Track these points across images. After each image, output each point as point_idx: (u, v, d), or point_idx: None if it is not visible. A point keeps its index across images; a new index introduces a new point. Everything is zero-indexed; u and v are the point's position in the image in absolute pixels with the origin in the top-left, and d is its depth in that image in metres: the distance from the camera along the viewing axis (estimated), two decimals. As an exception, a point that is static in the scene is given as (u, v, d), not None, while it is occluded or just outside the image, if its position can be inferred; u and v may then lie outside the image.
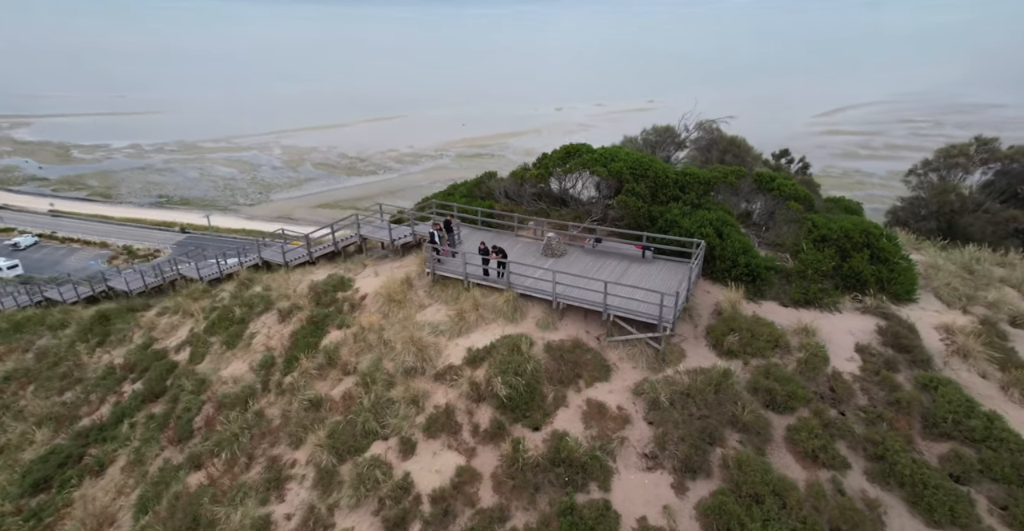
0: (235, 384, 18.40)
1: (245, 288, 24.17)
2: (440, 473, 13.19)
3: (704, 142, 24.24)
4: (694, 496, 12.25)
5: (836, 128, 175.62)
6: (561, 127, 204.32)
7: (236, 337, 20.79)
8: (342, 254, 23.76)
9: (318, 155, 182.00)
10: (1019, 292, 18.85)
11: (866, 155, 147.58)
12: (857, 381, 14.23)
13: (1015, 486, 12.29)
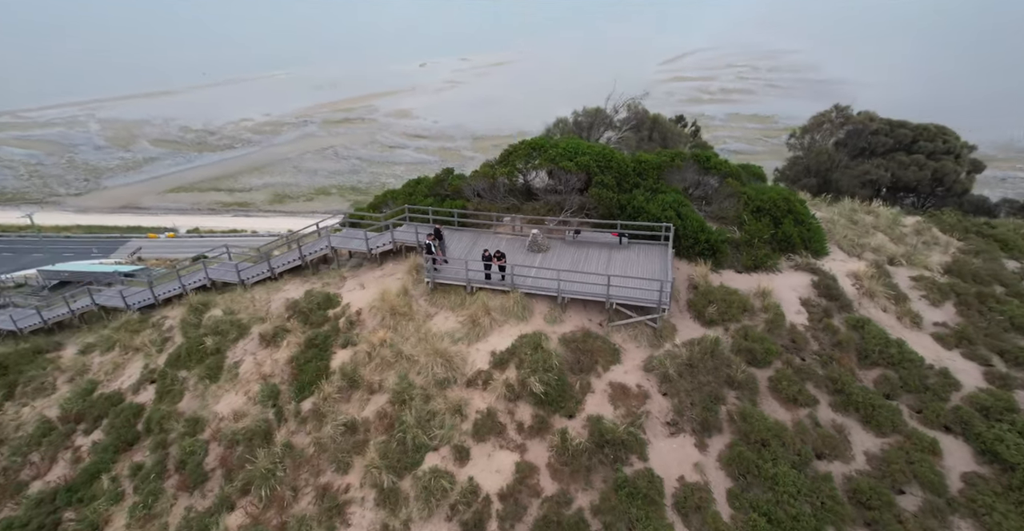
0: (240, 419, 17.87)
1: (198, 313, 22.62)
2: (500, 472, 14.60)
3: (633, 122, 26.37)
4: (714, 450, 14.98)
5: (679, 74, 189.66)
6: (429, 85, 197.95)
7: (217, 369, 19.81)
8: (309, 267, 22.93)
9: (153, 130, 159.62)
10: (887, 235, 23.78)
11: (707, 100, 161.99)
12: (808, 331, 17.72)
13: (923, 393, 16.54)
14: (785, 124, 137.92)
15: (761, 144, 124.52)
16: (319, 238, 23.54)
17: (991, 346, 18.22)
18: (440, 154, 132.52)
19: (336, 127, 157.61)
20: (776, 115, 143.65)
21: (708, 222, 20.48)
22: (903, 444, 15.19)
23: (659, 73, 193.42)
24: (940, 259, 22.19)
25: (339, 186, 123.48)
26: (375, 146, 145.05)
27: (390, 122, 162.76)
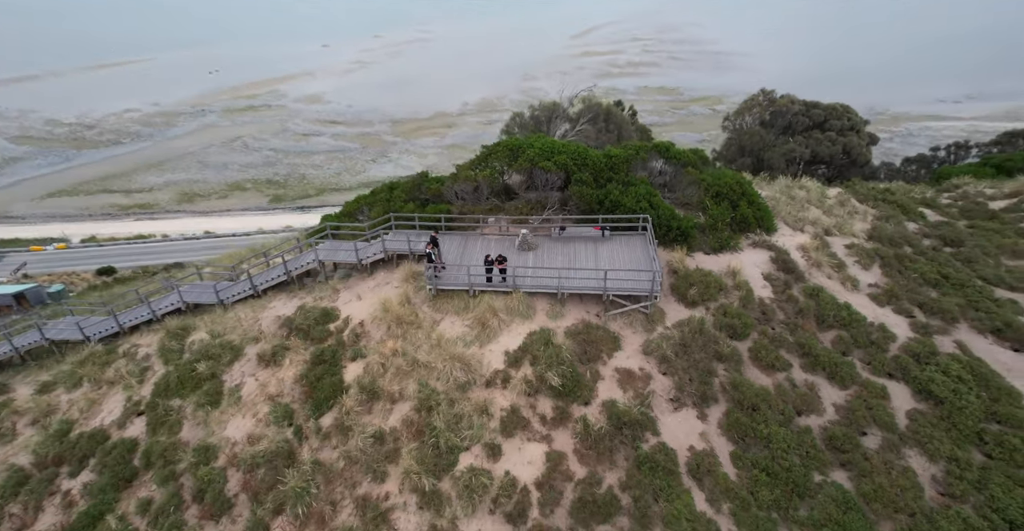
0: (256, 442, 17.78)
1: (179, 338, 21.77)
2: (532, 463, 15.83)
3: (590, 115, 27.60)
4: (714, 419, 17.02)
5: (589, 49, 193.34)
6: (336, 66, 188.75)
7: (216, 394, 19.39)
8: (294, 281, 22.50)
9: (9, 124, 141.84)
10: (819, 208, 26.89)
11: (617, 73, 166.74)
12: (774, 302, 20.13)
13: (869, 347, 19.45)
14: (690, 95, 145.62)
15: (670, 115, 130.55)
16: (304, 251, 23.12)
17: (912, 300, 21.57)
18: (360, 140, 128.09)
19: (240, 115, 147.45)
20: (681, 87, 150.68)
21: (674, 209, 22.31)
22: (860, 393, 17.99)
23: (569, 48, 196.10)
24: (862, 227, 25.53)
25: (254, 180, 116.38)
26: (288, 135, 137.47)
27: (300, 108, 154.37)
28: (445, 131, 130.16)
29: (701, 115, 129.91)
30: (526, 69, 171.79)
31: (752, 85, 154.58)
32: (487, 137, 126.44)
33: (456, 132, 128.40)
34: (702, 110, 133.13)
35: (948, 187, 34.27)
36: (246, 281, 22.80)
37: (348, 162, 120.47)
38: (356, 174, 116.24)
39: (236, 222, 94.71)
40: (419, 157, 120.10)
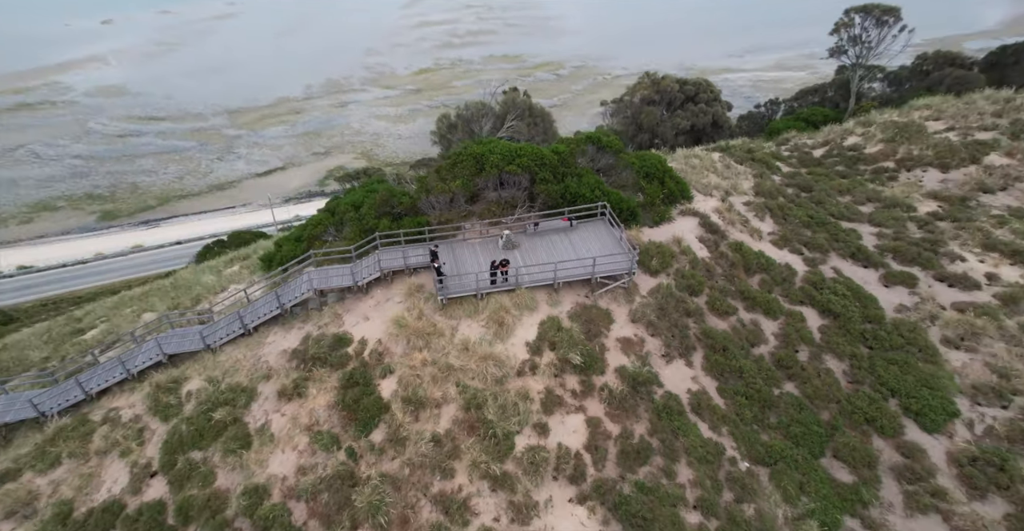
0: (309, 472, 18.33)
1: (172, 392, 20.76)
2: (576, 431, 18.73)
3: (517, 111, 29.53)
4: (697, 364, 21.20)
5: (424, 19, 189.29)
6: (135, 49, 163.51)
7: (244, 438, 19.31)
8: (286, 313, 22.14)
9: None
10: (714, 173, 32.22)
11: (459, 43, 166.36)
12: (711, 260, 24.73)
13: (782, 284, 24.94)
14: (533, 62, 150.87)
15: (519, 83, 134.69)
16: (294, 281, 22.70)
17: (798, 241, 27.64)
18: (196, 137, 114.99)
19: (11, 117, 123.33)
20: (523, 54, 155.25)
21: (619, 192, 25.75)
22: (788, 321, 23.37)
23: (404, 19, 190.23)
24: (748, 184, 31.35)
25: (67, 196, 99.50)
26: (95, 138, 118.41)
27: (100, 104, 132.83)
28: (294, 118, 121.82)
29: (547, 81, 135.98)
30: (365, 44, 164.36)
31: (583, 48, 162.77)
32: (343, 122, 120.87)
33: (308, 118, 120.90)
34: (547, 76, 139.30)
35: (781, 140, 42.31)
36: (233, 321, 22.03)
37: (187, 163, 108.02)
38: (203, 176, 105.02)
39: (62, 249, 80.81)
40: (272, 149, 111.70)
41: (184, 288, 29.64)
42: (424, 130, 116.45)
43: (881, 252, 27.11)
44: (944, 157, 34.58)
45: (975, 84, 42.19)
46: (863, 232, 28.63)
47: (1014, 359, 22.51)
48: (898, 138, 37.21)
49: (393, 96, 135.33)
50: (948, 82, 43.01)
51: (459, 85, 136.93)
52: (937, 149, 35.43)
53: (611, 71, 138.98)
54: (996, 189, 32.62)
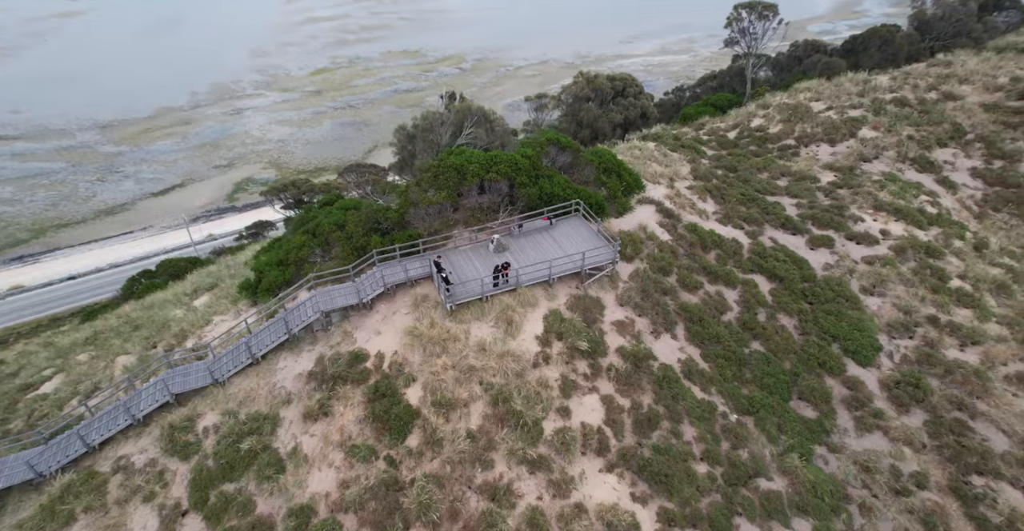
0: (352, 484, 19.04)
1: (187, 431, 20.43)
2: (595, 410, 20.92)
3: (473, 118, 30.61)
4: (681, 335, 24.11)
5: (312, 15, 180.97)
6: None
7: (277, 463, 19.59)
8: (293, 338, 22.15)
9: None
10: (655, 162, 35.39)
11: (354, 40, 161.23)
12: (673, 242, 27.76)
13: (734, 256, 28.54)
14: (434, 56, 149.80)
15: (424, 79, 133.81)
16: (296, 305, 22.69)
17: (738, 217, 31.48)
18: (64, 157, 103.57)
19: None
20: (422, 49, 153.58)
21: (585, 188, 28.05)
22: (745, 289, 26.95)
23: (288, 15, 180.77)
24: (685, 170, 34.91)
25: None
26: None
27: None
28: (184, 129, 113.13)
29: (451, 75, 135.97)
30: (249, 44, 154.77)
31: (480, 41, 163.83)
32: (242, 130, 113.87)
33: (200, 129, 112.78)
34: (450, 70, 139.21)
35: (698, 125, 46.85)
36: (238, 352, 21.82)
37: (61, 188, 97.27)
38: (84, 201, 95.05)
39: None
40: (165, 165, 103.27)
41: (153, 326, 28.28)
42: (332, 133, 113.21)
43: (802, 220, 31.64)
44: (830, 133, 40.30)
45: (839, 68, 48.95)
46: (785, 204, 33.10)
47: (911, 298, 27.63)
48: (792, 118, 42.69)
49: (293, 100, 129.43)
50: (819, 67, 49.53)
51: (361, 84, 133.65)
52: (824, 126, 41.15)
53: (512, 62, 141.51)
54: (871, 158, 38.66)
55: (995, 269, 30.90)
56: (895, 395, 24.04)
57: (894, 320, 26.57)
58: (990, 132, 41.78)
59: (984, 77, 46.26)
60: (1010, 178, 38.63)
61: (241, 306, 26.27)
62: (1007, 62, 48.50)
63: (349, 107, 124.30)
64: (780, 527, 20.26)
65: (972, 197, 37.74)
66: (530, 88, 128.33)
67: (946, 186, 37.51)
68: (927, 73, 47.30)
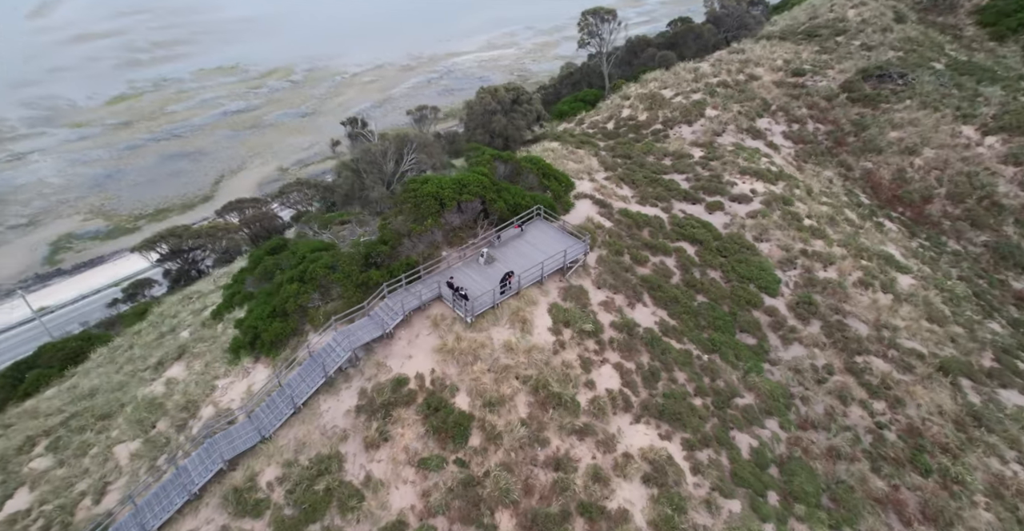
0: (433, 492, 21.02)
1: (252, 490, 20.75)
2: (611, 377, 25.13)
3: (413, 144, 32.13)
4: (650, 303, 29.23)
5: (79, 32, 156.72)
6: None
7: (355, 494, 20.66)
8: (329, 380, 22.79)
9: None
10: (569, 160, 40.17)
11: (149, 60, 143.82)
12: (615, 227, 32.79)
13: (664, 229, 34.54)
14: (256, 70, 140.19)
15: (255, 97, 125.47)
16: (326, 351, 23.20)
17: (650, 198, 37.60)
18: None
19: None
20: (239, 63, 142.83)
21: (535, 194, 31.80)
22: (678, 255, 32.94)
23: (41, 34, 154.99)
24: (594, 163, 40.26)
25: None
26: None
27: None
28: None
29: (283, 90, 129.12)
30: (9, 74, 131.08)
31: (302, 49, 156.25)
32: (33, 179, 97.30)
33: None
34: (280, 84, 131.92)
35: (578, 121, 52.94)
36: (279, 404, 22.11)
37: None
38: None
39: None
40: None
41: (132, 409, 26.37)
42: (163, 169, 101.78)
43: (695, 191, 38.81)
44: (686, 115, 48.70)
45: (673, 60, 58.36)
46: (677, 180, 40.09)
47: (787, 239, 36.03)
48: (653, 106, 50.50)
49: (94, 135, 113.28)
50: (657, 59, 58.49)
51: (180, 110, 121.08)
52: (679, 110, 49.49)
53: (346, 69, 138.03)
54: (721, 133, 47.75)
55: (823, 207, 40.99)
56: (798, 313, 31.84)
57: (781, 258, 34.61)
58: (784, 102, 53.53)
59: (768, 60, 58.58)
60: (806, 137, 50.34)
61: (246, 364, 25.88)
62: (776, 48, 61.72)
63: (175, 137, 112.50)
64: (759, 428, 26.52)
65: (790, 154, 48.61)
66: (373, 95, 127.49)
67: (773, 148, 47.80)
68: (731, 59, 58.42)
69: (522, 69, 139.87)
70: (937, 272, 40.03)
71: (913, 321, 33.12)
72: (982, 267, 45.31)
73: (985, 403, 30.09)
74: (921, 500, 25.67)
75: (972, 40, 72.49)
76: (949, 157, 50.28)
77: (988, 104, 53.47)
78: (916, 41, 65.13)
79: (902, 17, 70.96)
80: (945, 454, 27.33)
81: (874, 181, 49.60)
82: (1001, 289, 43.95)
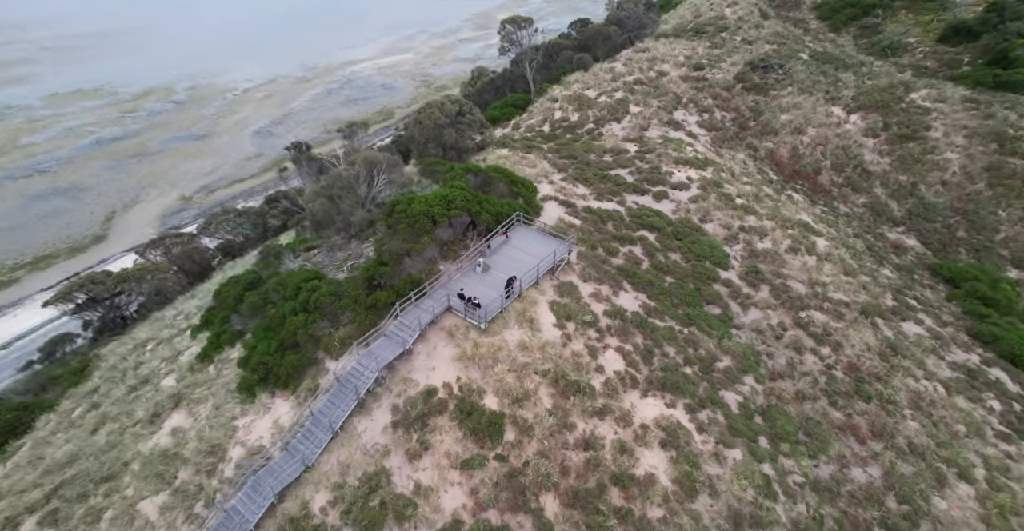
0: (481, 487, 22.55)
1: (306, 517, 21.12)
2: (617, 360, 27.71)
3: (381, 166, 32.49)
4: (630, 289, 32.15)
5: None
6: None
7: (407, 503, 21.68)
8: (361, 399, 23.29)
9: None
10: (524, 166, 42.25)
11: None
12: (584, 222, 35.45)
13: (623, 221, 37.76)
14: (128, 92, 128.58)
15: (132, 121, 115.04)
16: (354, 374, 23.54)
17: (606, 192, 40.62)
18: None
19: None
20: (106, 84, 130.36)
21: (510, 201, 33.64)
22: (642, 243, 36.22)
23: None
24: (546, 165, 42.73)
25: None
26: None
27: None
28: None
29: (167, 111, 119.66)
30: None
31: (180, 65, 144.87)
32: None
33: None
34: (161, 106, 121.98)
35: (514, 125, 55.21)
36: (316, 432, 22.44)
37: None
38: None
39: None
40: None
41: (140, 466, 25.18)
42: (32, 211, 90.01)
43: (640, 183, 42.51)
44: (614, 113, 52.62)
45: (588, 62, 62.33)
46: (622, 174, 43.62)
47: (727, 218, 40.66)
48: (581, 107, 53.94)
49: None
50: (575, 61, 62.17)
51: (39, 141, 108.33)
52: (606, 109, 53.31)
53: (235, 86, 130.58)
54: (647, 127, 52.17)
55: (747, 186, 46.43)
56: (749, 281, 36.36)
57: (725, 235, 39.12)
58: (692, 95, 59.25)
59: (671, 57, 64.28)
60: (717, 125, 56.24)
61: (264, 400, 25.57)
62: (676, 45, 67.79)
63: (39, 173, 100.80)
64: (740, 385, 30.37)
65: (707, 142, 54.12)
66: (271, 111, 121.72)
67: (693, 137, 52.99)
68: (640, 58, 63.46)
69: (424, 74, 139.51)
70: (839, 233, 46.79)
71: (835, 276, 38.86)
72: (866, 224, 53.28)
73: (896, 335, 36.20)
74: (869, 422, 30.74)
75: (817, 32, 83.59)
76: (827, 134, 58.22)
77: (847, 87, 62.31)
78: (783, 35, 74.04)
79: (766, 14, 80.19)
80: (878, 382, 32.78)
81: (776, 159, 56.47)
82: (882, 241, 52.02)
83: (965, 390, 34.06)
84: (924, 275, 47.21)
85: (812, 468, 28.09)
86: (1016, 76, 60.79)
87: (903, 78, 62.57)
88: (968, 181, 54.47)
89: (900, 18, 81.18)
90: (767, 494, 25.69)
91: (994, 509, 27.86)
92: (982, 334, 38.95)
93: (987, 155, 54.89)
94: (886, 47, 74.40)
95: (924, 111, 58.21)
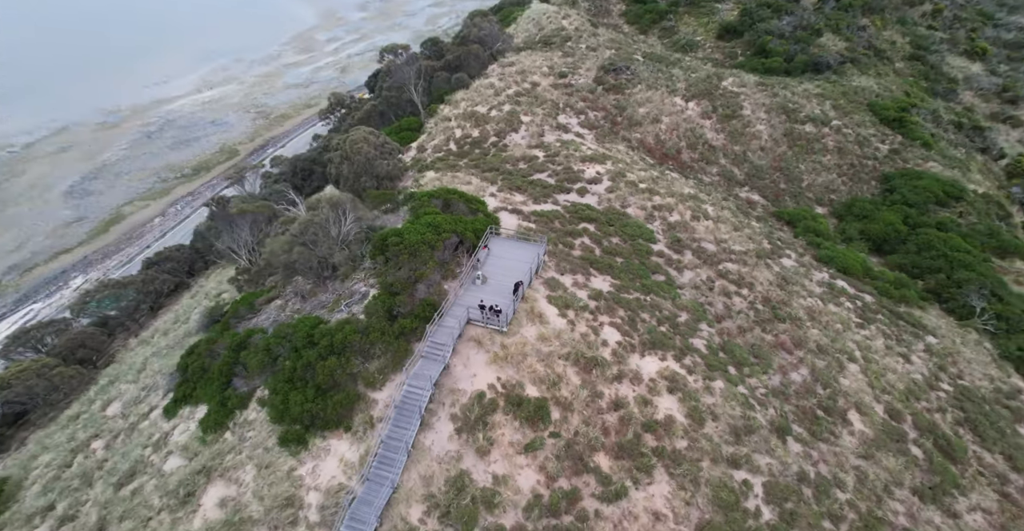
0: (546, 465, 26.06)
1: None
2: (614, 333, 32.48)
3: (346, 205, 33.25)
4: (596, 274, 37.19)
5: None
6: None
7: (493, 492, 24.72)
8: None
9: None
10: (460, 184, 45.27)
11: None
12: (537, 226, 39.76)
13: (563, 219, 42.76)
14: None
15: None
16: (410, 396, 25.15)
17: (540, 196, 45.28)
18: None
19: None
20: None
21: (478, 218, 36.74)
22: (587, 233, 41.51)
23: None
24: (479, 181, 46.22)
25: None
26: None
27: None
28: None
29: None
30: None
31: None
32: None
33: None
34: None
35: (419, 147, 57.67)
36: (393, 454, 24.25)
37: None
38: None
39: None
40: None
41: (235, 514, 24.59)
42: None
43: (560, 183, 47.87)
44: (511, 125, 57.63)
45: (466, 80, 66.71)
46: (544, 178, 48.67)
47: (641, 200, 47.62)
48: (479, 122, 58.14)
49: None
50: (453, 81, 66.17)
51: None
52: (502, 122, 58.12)
53: (10, 141, 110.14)
54: (543, 133, 57.93)
55: (642, 172, 54.26)
56: (675, 249, 43.50)
57: (644, 215, 46.02)
58: (566, 100, 66.55)
59: (537, 68, 71.14)
60: (594, 123, 64.09)
61: (319, 444, 26.15)
62: (536, 57, 74.94)
63: None
64: (700, 332, 36.91)
65: (592, 139, 61.51)
66: (76, 165, 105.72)
67: (581, 137, 59.95)
68: (510, 72, 69.31)
69: (258, 104, 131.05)
70: (714, 199, 56.62)
71: (730, 233, 47.70)
72: (724, 189, 64.48)
73: (781, 269, 45.79)
74: (790, 337, 39.17)
75: (630, 35, 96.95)
76: (677, 121, 68.98)
77: (680, 80, 74.00)
78: (617, 41, 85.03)
79: (595, 23, 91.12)
80: (784, 306, 41.61)
81: (647, 146, 65.80)
82: (739, 200, 63.45)
83: (831, 299, 44.46)
84: (772, 221, 58.90)
85: (767, 380, 35.44)
86: (774, 63, 77.80)
87: (712, 70, 76.01)
88: (776, 145, 68.28)
89: (687, 21, 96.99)
90: (748, 407, 32.26)
91: (873, 376, 37.52)
92: (823, 258, 50.50)
93: (783, 124, 69.50)
94: (684, 45, 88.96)
95: (735, 95, 71.41)
